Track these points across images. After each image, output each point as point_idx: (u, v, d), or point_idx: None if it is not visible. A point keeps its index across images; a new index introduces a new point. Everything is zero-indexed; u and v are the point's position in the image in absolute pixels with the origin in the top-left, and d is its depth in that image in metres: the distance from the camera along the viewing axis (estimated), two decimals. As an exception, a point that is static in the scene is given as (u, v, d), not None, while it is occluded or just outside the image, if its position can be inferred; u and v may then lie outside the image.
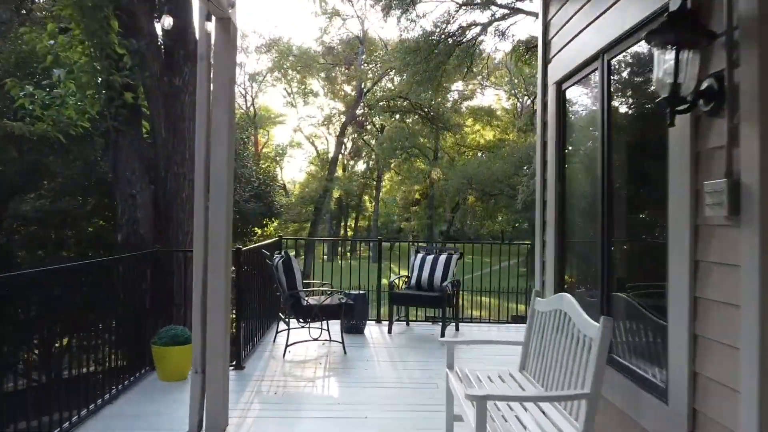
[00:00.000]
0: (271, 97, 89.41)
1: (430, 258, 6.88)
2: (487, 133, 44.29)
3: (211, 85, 3.61)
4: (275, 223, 35.06)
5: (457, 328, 6.86)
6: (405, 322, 7.14)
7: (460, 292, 7.02)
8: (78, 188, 8.13)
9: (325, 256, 50.19)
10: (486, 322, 7.89)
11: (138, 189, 5.44)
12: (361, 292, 6.73)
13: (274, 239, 7.36)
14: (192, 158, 6.22)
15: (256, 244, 5.90)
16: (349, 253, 54.47)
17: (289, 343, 5.53)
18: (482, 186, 30.21)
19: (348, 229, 57.54)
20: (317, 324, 5.83)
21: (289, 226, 34.39)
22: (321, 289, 6.23)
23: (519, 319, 15.59)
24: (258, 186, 11.07)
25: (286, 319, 5.76)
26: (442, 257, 6.83)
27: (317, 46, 33.86)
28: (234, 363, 5.08)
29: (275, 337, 6.15)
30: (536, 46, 15.37)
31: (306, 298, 5.60)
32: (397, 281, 6.85)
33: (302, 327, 5.69)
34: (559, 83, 3.57)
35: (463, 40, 21.53)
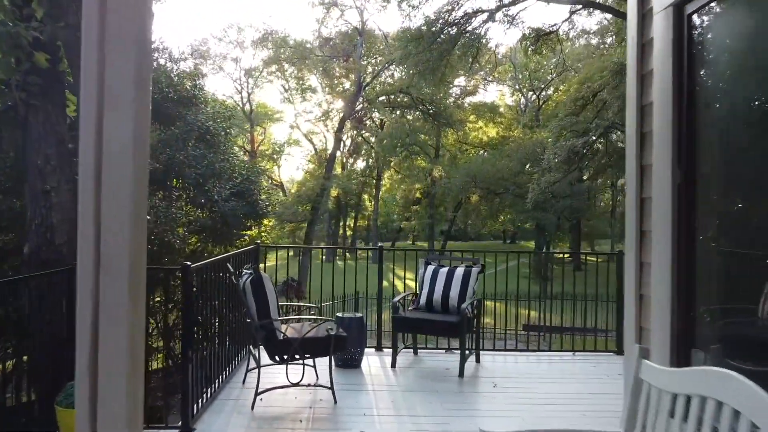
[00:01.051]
0: (269, 93, 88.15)
1: (443, 271, 5.48)
2: (490, 130, 42.91)
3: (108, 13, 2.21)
4: (270, 224, 33.76)
5: (477, 359, 5.46)
6: (412, 350, 5.74)
7: (481, 313, 5.61)
8: (12, 184, 6.74)
9: (324, 257, 48.86)
10: (512, 349, 6.46)
11: (55, 183, 4.05)
12: (358, 315, 5.32)
13: (250, 247, 5.95)
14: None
15: (217, 257, 4.49)
16: (347, 254, 53.19)
17: (259, 390, 4.12)
18: (487, 184, 28.81)
19: (347, 229, 56.24)
20: (299, 361, 4.43)
21: (285, 225, 32.99)
22: (305, 317, 4.82)
23: (531, 328, 14.22)
24: (240, 182, 9.66)
25: (257, 354, 4.36)
26: (459, 270, 5.43)
27: (314, 40, 32.46)
28: (180, 424, 3.68)
29: (245, 375, 4.74)
30: (548, 33, 13.86)
31: (282, 330, 4.20)
32: (402, 300, 5.45)
33: (279, 363, 4.29)
34: (680, 5, 2.16)
35: (468, 28, 20.10)
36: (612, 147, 31.31)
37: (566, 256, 37.87)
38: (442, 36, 19.44)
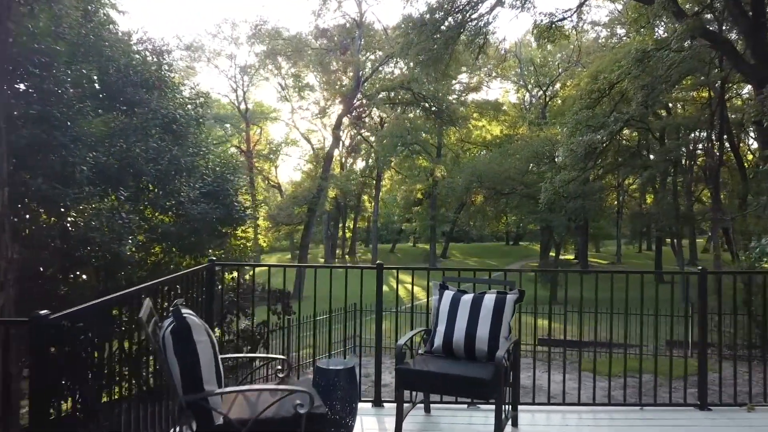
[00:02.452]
0: (265, 92, 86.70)
1: (466, 300, 3.94)
2: (494, 129, 41.45)
3: None
4: (265, 226, 32.21)
5: (514, 423, 3.91)
6: (423, 407, 4.20)
7: (518, 359, 4.06)
8: None
9: (322, 260, 47.28)
10: (557, 403, 4.87)
11: None
12: (349, 364, 3.77)
13: (204, 266, 4.40)
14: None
15: (111, 295, 2.91)
16: (347, 257, 51.61)
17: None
18: (493, 184, 27.22)
19: (346, 231, 54.78)
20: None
21: (281, 228, 31.46)
22: (258, 388, 3.21)
23: (547, 343, 12.63)
24: (213, 181, 8.14)
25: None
26: (489, 298, 3.89)
27: (309, 34, 30.91)
28: None
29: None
30: (562, 19, 12.30)
31: (222, 410, 2.66)
32: (409, 341, 3.92)
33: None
34: None
35: (474, 16, 18.58)
36: (621, 145, 29.79)
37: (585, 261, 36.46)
38: (446, 23, 17.93)
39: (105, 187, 7.12)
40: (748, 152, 31.58)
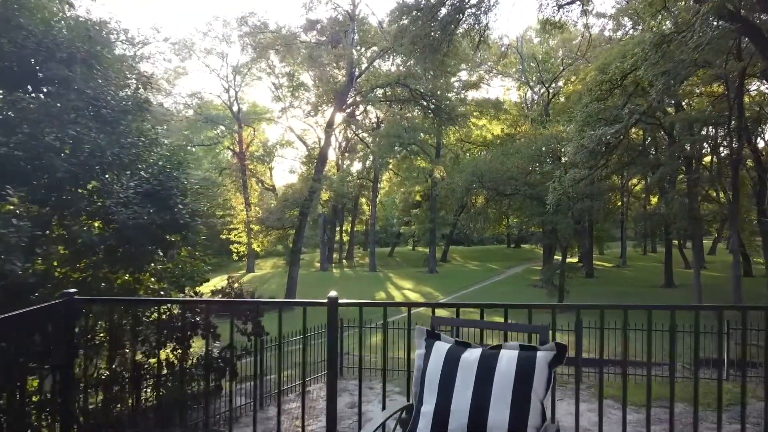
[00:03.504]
0: (260, 92, 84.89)
1: (470, 359, 2.37)
2: (495, 128, 39.94)
3: None
4: (257, 229, 30.51)
5: None
6: None
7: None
8: None
9: (318, 264, 45.71)
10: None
11: None
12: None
13: (54, 302, 2.86)
14: None
15: None
16: (344, 261, 50.05)
17: None
18: (495, 184, 25.61)
19: (344, 234, 53.23)
20: None
21: (270, 233, 29.85)
22: None
23: (587, 363, 10.88)
24: (153, 179, 6.57)
25: None
26: (507, 359, 2.32)
27: (299, 28, 29.44)
28: None
29: None
30: (571, 2, 10.50)
31: None
32: (382, 426, 2.38)
33: None
34: None
35: (473, 2, 17.05)
36: (628, 144, 28.19)
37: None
38: (444, 8, 16.42)
39: (2, 184, 5.55)
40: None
